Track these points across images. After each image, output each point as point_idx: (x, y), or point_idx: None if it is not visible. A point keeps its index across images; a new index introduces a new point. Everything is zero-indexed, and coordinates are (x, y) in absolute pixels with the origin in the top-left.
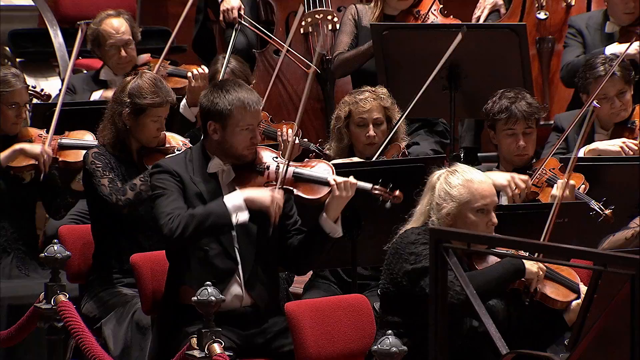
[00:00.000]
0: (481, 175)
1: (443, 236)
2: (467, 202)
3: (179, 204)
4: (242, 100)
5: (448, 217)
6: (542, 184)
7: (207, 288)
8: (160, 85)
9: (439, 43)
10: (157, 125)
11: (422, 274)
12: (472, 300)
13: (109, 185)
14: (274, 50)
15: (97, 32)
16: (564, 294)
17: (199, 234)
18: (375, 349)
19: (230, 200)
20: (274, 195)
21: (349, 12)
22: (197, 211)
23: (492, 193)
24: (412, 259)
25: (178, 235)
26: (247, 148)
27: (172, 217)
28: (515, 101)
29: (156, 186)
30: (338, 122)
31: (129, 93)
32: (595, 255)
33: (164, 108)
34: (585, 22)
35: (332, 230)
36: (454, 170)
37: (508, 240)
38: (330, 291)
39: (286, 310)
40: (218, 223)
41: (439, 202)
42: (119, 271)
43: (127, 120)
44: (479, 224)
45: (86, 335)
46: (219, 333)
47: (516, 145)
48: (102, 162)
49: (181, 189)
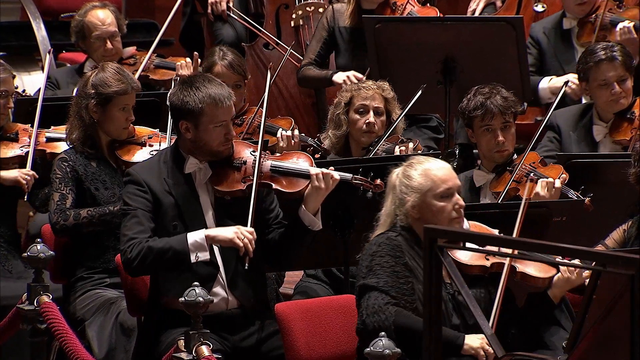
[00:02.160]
0: (439, 162)
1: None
2: (429, 189)
3: (142, 226)
4: (213, 96)
5: (414, 209)
6: (522, 179)
7: (195, 289)
8: (124, 73)
9: (432, 36)
10: (126, 114)
11: (363, 291)
12: (468, 301)
13: (56, 202)
14: (263, 44)
15: (82, 23)
16: (544, 270)
17: (156, 266)
18: (368, 352)
19: (193, 237)
20: (239, 232)
21: (324, 16)
22: (157, 244)
23: (452, 176)
24: (364, 273)
25: (135, 265)
26: (222, 144)
27: (133, 245)
28: (490, 96)
29: (124, 201)
30: (337, 109)
31: (92, 85)
32: (595, 255)
33: (130, 95)
34: (542, 27)
35: (312, 222)
36: (410, 164)
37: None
38: (322, 291)
39: (276, 311)
40: (176, 259)
41: (402, 197)
42: (104, 271)
43: (94, 112)
44: (445, 208)
45: (70, 337)
46: (207, 335)
47: (495, 141)
48: (62, 172)
49: (150, 202)
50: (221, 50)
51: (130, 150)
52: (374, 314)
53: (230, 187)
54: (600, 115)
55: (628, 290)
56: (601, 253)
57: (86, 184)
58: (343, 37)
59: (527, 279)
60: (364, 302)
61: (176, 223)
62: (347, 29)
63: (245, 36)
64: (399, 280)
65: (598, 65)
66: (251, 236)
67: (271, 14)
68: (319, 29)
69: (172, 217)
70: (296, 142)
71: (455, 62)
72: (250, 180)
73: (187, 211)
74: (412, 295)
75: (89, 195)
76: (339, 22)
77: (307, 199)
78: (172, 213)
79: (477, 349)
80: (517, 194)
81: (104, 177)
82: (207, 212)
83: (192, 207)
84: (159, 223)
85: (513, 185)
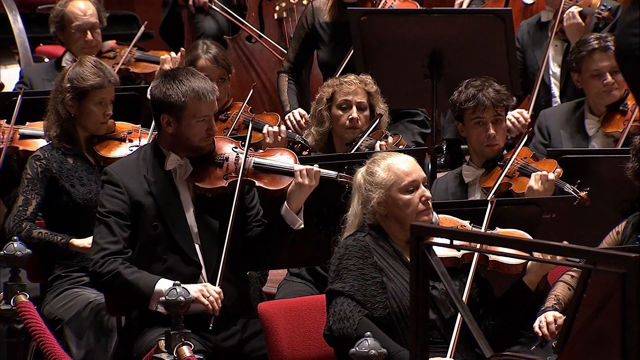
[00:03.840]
0: (402, 156)
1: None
2: (393, 184)
3: (114, 237)
4: (197, 90)
5: (380, 206)
6: (514, 174)
7: (176, 288)
8: (101, 66)
9: (419, 28)
10: (103, 109)
11: (330, 296)
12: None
13: (18, 207)
14: (246, 37)
15: (62, 13)
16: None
17: (120, 294)
18: (354, 352)
19: (161, 285)
20: (205, 290)
21: (303, 14)
22: (127, 274)
23: (416, 168)
24: (332, 278)
25: (102, 282)
26: (203, 140)
27: (107, 260)
28: (483, 89)
29: (101, 203)
30: (319, 105)
31: (68, 79)
32: (585, 253)
33: (107, 89)
34: (526, 24)
35: (294, 221)
36: (373, 160)
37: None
38: (306, 291)
39: (259, 311)
40: (137, 299)
41: (367, 195)
42: (81, 269)
43: (70, 107)
44: (411, 202)
45: (47, 337)
46: (188, 335)
47: (486, 134)
48: (33, 172)
49: (127, 205)
50: (205, 44)
51: (109, 146)
52: (339, 320)
53: (211, 184)
54: (592, 109)
55: (619, 289)
56: (591, 251)
57: (61, 182)
58: (325, 32)
59: (501, 267)
60: (331, 309)
61: (156, 223)
62: (328, 24)
63: (228, 29)
64: (366, 282)
65: (591, 55)
66: (217, 295)
67: (254, 6)
68: (298, 28)
69: (152, 216)
70: (283, 138)
71: (443, 56)
72: (232, 177)
73: (167, 209)
74: (383, 294)
75: (65, 193)
76: (319, 18)
77: (290, 196)
78: (152, 212)
79: None
80: (508, 189)
81: (80, 174)
82: (188, 209)
83: (173, 205)
84: (137, 226)
85: (505, 180)
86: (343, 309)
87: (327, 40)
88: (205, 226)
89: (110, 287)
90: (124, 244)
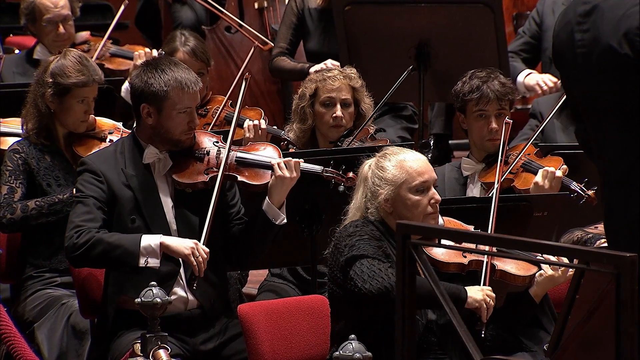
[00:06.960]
0: (414, 153)
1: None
2: (403, 182)
3: (91, 215)
4: (179, 80)
5: (387, 203)
6: (517, 170)
7: (152, 289)
8: (86, 63)
9: (405, 19)
10: (84, 107)
11: (351, 262)
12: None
13: (4, 195)
14: (225, 27)
15: (33, 5)
16: (524, 268)
17: (101, 261)
18: (337, 355)
19: (147, 240)
20: (195, 249)
21: (292, 0)
22: (108, 238)
23: (429, 169)
24: (346, 251)
25: (80, 253)
26: (184, 133)
27: (81, 231)
28: (488, 81)
29: (77, 188)
30: (302, 101)
31: (51, 73)
32: (578, 253)
33: (90, 88)
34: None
35: (276, 216)
36: (384, 154)
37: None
38: (288, 292)
39: (239, 313)
40: (124, 260)
41: (374, 190)
42: (54, 270)
43: (51, 102)
44: (420, 203)
45: (18, 340)
46: (165, 338)
47: (488, 128)
48: (13, 164)
49: (104, 192)
50: (183, 35)
51: (88, 145)
52: (371, 278)
53: (192, 179)
54: None
55: (613, 289)
56: (584, 250)
57: (38, 179)
58: (313, 20)
59: (507, 277)
60: (356, 270)
61: (134, 217)
62: (317, 11)
63: (206, 18)
64: (383, 255)
65: None
66: (206, 256)
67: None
68: (288, 14)
69: (129, 210)
70: (263, 131)
71: (430, 47)
72: (213, 171)
73: (145, 204)
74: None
75: (41, 192)
76: (309, 4)
77: (272, 190)
78: (130, 206)
79: (480, 301)
80: (510, 185)
81: (57, 173)
82: (167, 204)
83: (151, 199)
84: (113, 216)
85: (508, 177)
86: (371, 267)
87: (315, 29)
88: (185, 223)
89: (89, 257)
90: (101, 223)
